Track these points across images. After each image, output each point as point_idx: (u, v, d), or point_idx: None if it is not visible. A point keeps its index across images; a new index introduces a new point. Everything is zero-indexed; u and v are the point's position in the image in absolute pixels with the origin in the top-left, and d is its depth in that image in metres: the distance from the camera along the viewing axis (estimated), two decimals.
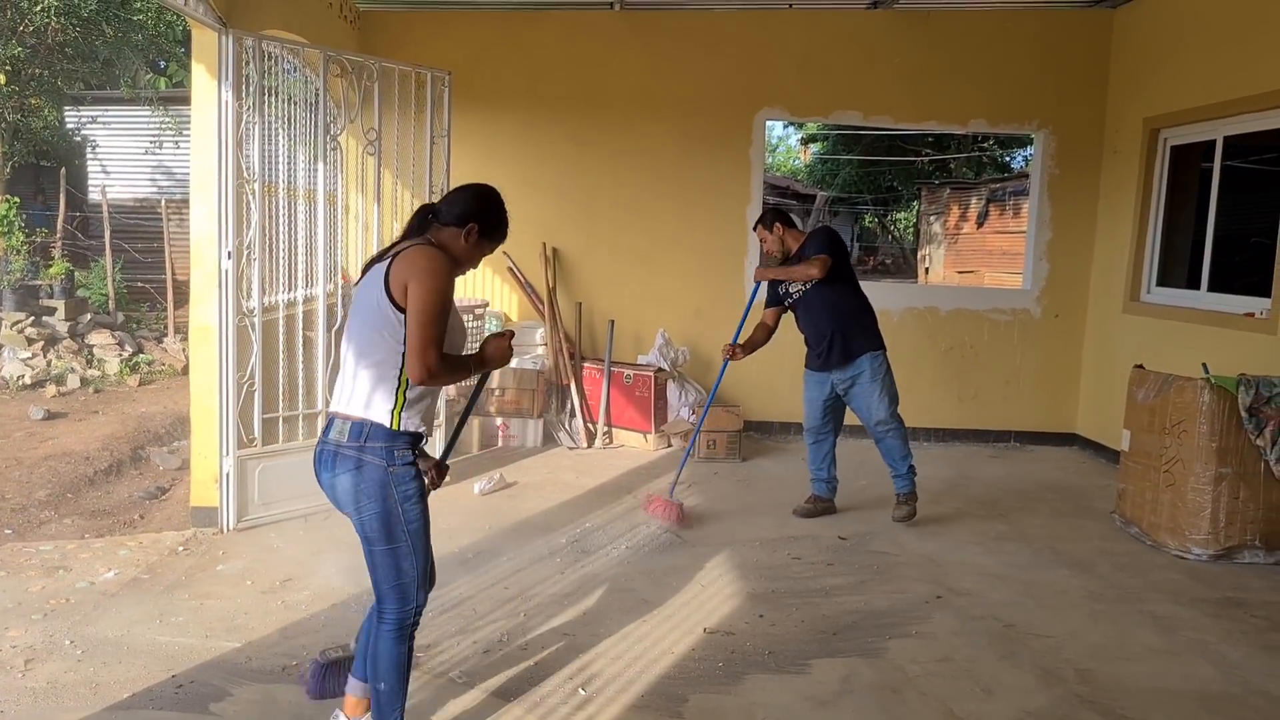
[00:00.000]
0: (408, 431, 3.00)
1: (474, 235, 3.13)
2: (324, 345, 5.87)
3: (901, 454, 5.98)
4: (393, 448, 2.98)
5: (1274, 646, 4.40)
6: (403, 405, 2.98)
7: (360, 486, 2.97)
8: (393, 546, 3.02)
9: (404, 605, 3.07)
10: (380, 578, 3.06)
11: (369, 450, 2.96)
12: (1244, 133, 6.89)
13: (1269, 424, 5.42)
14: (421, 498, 3.07)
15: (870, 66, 8.39)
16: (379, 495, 2.97)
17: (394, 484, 2.98)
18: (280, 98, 5.76)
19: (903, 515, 5.98)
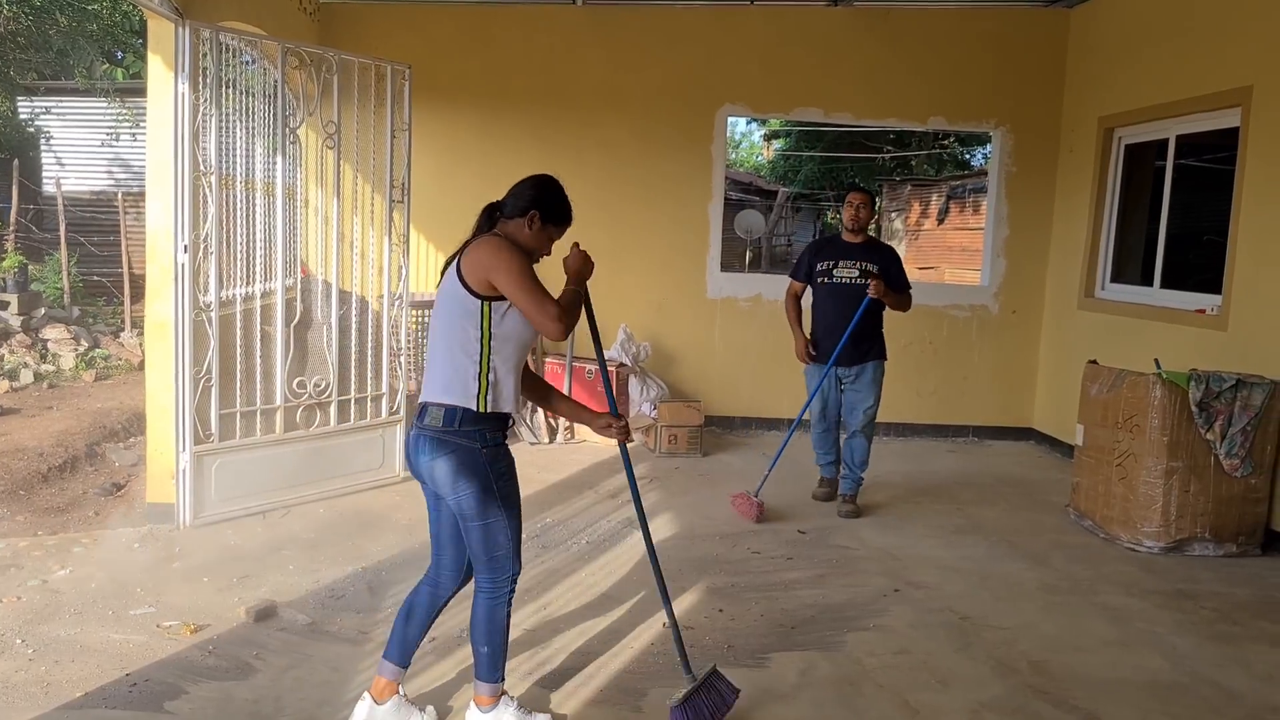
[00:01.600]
0: (495, 413, 3.18)
1: (536, 222, 3.26)
2: (282, 340, 5.83)
3: (865, 459, 6.20)
4: (484, 430, 3.17)
5: (1222, 637, 4.49)
6: (487, 389, 3.16)
7: (458, 468, 3.15)
8: (489, 522, 3.20)
9: (500, 574, 3.27)
10: (478, 551, 3.25)
11: (463, 434, 3.15)
12: (1196, 132, 7.00)
13: (1219, 418, 5.52)
14: (512, 475, 3.27)
15: (831, 64, 8.44)
16: (476, 475, 3.16)
17: (489, 463, 3.17)
18: (238, 90, 5.70)
19: (849, 512, 6.15)
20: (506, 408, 3.22)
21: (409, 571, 4.90)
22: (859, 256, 6.05)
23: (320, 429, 6.09)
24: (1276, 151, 5.90)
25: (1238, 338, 6.13)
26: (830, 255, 6.12)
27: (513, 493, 3.27)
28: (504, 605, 3.31)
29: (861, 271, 5.99)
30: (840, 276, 6.05)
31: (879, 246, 6.24)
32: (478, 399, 3.14)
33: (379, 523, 5.69)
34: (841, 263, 6.06)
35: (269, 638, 4.10)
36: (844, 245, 6.13)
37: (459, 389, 3.15)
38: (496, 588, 3.29)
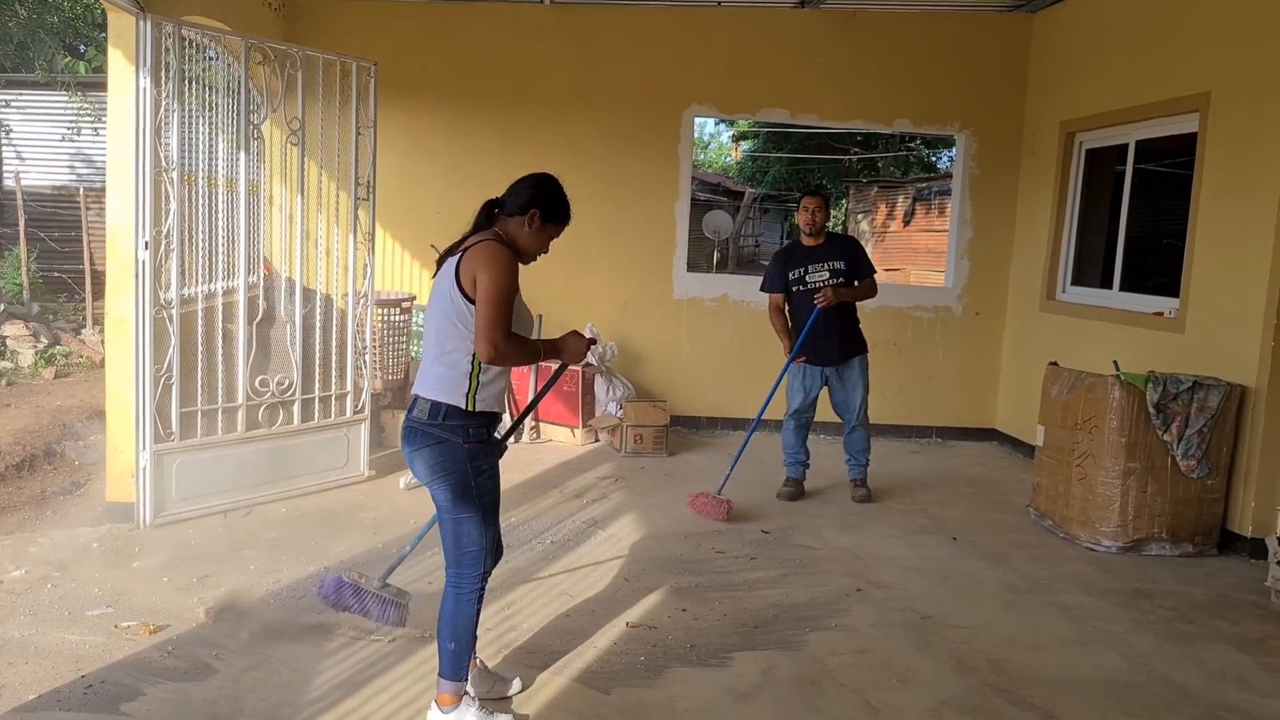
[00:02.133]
0: (481, 412, 3.27)
1: (536, 221, 3.33)
2: (245, 338, 5.78)
3: (866, 446, 6.56)
4: (468, 426, 3.25)
5: (1178, 636, 4.56)
6: (476, 388, 3.24)
7: (439, 461, 3.25)
8: (461, 516, 3.28)
9: (469, 570, 3.33)
10: (448, 544, 3.34)
11: (447, 428, 3.23)
12: (1155, 137, 7.10)
13: (1175, 420, 5.61)
14: (492, 474, 3.34)
15: (797, 65, 8.48)
16: (455, 469, 3.25)
17: (469, 459, 3.25)
18: (201, 85, 5.65)
19: (862, 496, 6.51)
20: (495, 407, 3.31)
21: (372, 571, 4.83)
22: (824, 258, 6.27)
23: (283, 428, 6.04)
24: (1233, 157, 5.99)
25: (1195, 340, 6.22)
26: (798, 263, 6.33)
27: (490, 492, 3.33)
28: (472, 602, 3.34)
29: (831, 272, 6.23)
30: (812, 282, 6.25)
31: (839, 241, 6.45)
32: (467, 397, 3.23)
33: (342, 522, 5.65)
34: (810, 268, 6.27)
35: (228, 638, 4.07)
36: (807, 250, 6.35)
37: (450, 386, 3.23)
38: (464, 583, 3.33)
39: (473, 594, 3.34)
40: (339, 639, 4.09)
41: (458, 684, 3.38)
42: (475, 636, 3.49)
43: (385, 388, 7.51)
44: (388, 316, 7.53)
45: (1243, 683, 4.09)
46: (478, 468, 3.27)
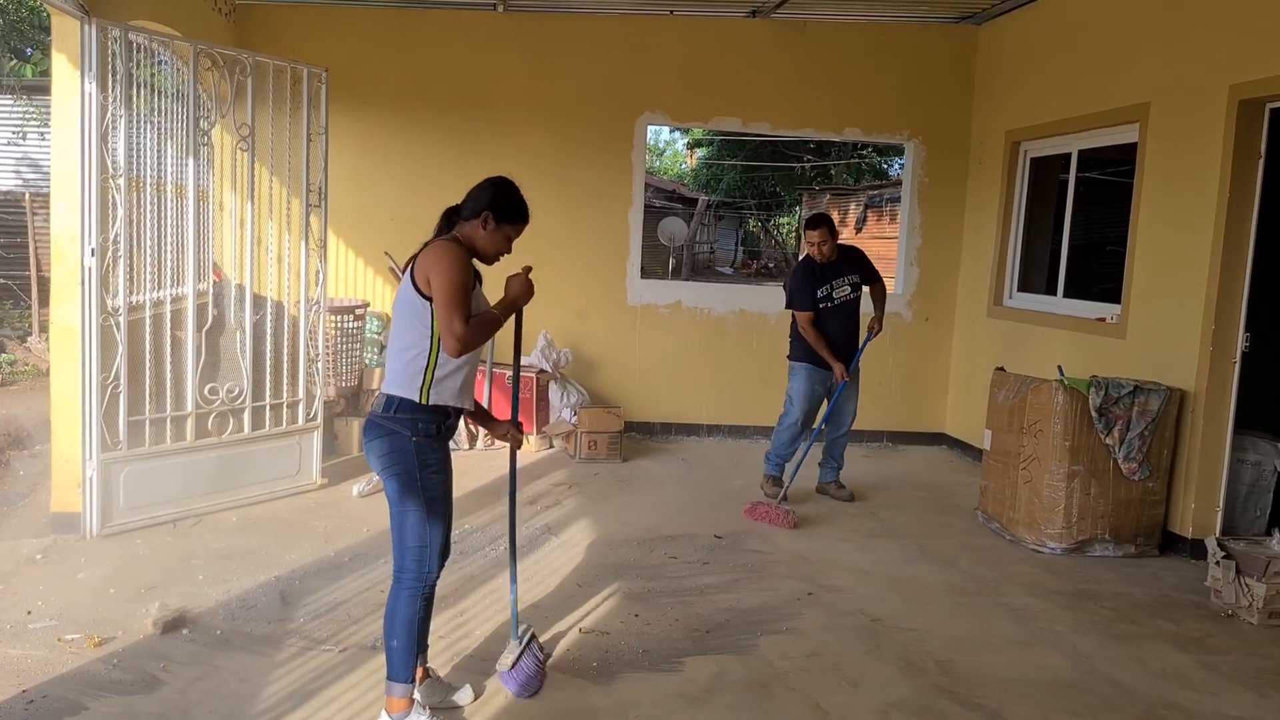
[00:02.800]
0: (435, 406, 3.30)
1: (490, 222, 3.40)
2: (194, 345, 5.72)
3: (843, 453, 6.91)
4: (417, 420, 3.29)
5: (1121, 636, 4.66)
6: (430, 382, 3.28)
7: (387, 452, 3.31)
8: (409, 510, 3.32)
9: (418, 566, 3.35)
10: (397, 539, 3.36)
11: (397, 421, 3.29)
12: (1097, 146, 7.25)
13: (1117, 423, 5.73)
14: (441, 470, 3.37)
15: (749, 74, 8.55)
16: (401, 461, 3.30)
17: (415, 452, 3.29)
18: (150, 90, 5.59)
19: (850, 495, 6.82)
20: (449, 401, 3.33)
21: (323, 580, 4.85)
22: (843, 273, 6.59)
23: (234, 436, 5.98)
24: (1172, 166, 6.14)
25: (1136, 345, 6.36)
26: (824, 281, 6.55)
27: (438, 489, 3.36)
28: (415, 600, 3.37)
29: (852, 286, 6.62)
30: (838, 297, 6.56)
31: (849, 256, 6.70)
32: (420, 391, 3.28)
33: (294, 531, 5.61)
34: (834, 284, 6.55)
35: (176, 649, 4.03)
36: (826, 269, 6.56)
37: (405, 380, 3.30)
38: (406, 578, 3.37)
39: (414, 591, 3.37)
40: (289, 649, 4.06)
41: (406, 686, 3.39)
42: (425, 642, 3.52)
43: (339, 395, 7.47)
44: (341, 323, 7.49)
45: (1183, 681, 4.19)
46: (424, 462, 3.31)
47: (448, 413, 3.36)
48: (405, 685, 3.40)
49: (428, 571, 3.37)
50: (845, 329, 6.60)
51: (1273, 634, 4.74)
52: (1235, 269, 5.70)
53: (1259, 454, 6.00)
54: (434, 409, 3.31)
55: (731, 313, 8.79)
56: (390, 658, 3.39)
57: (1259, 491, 6.02)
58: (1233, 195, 5.64)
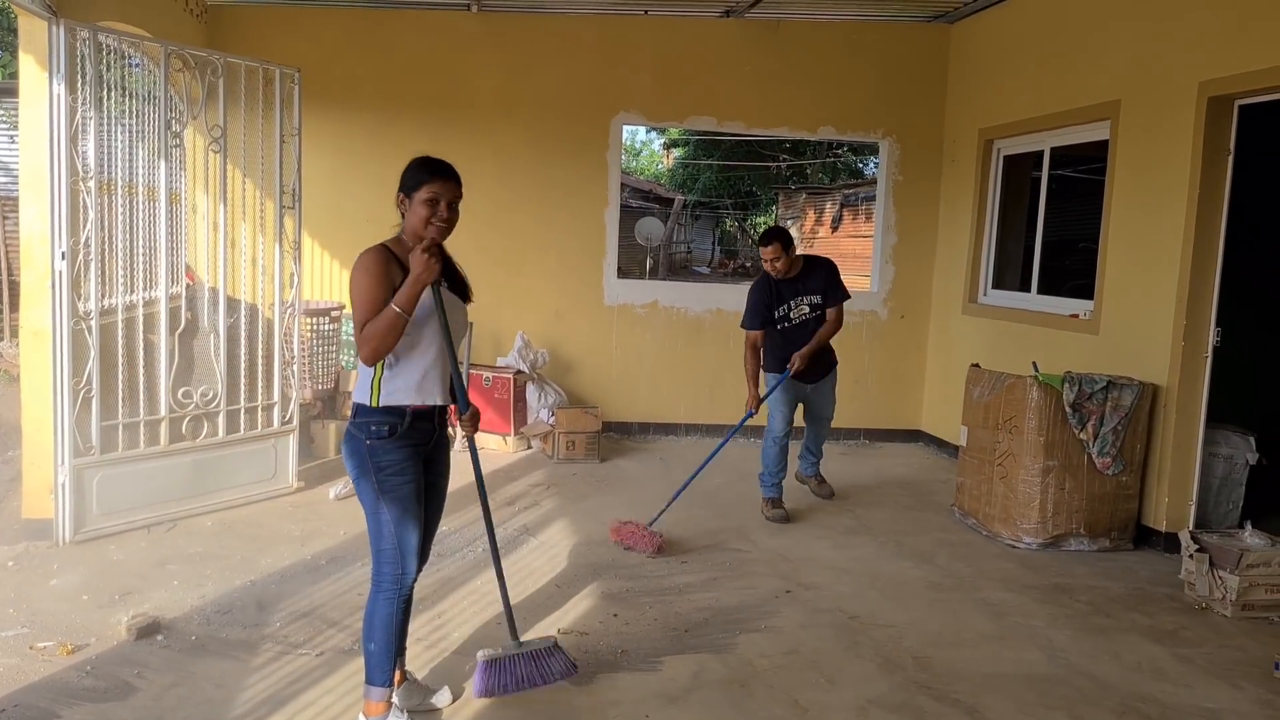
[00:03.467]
0: (388, 406, 3.26)
1: (404, 202, 3.33)
2: (166, 349, 5.68)
3: (822, 445, 6.91)
4: (369, 422, 3.27)
5: (1096, 630, 4.69)
6: (379, 383, 3.26)
7: (348, 456, 3.31)
8: (379, 513, 3.29)
9: (389, 569, 3.33)
10: (373, 542, 3.35)
11: (355, 425, 3.30)
12: (1069, 144, 7.30)
13: (1091, 419, 5.77)
14: (402, 472, 3.28)
15: (724, 73, 8.56)
16: (358, 465, 3.28)
17: (369, 455, 3.25)
18: (119, 92, 5.54)
19: (829, 492, 6.84)
20: (406, 399, 3.27)
21: (300, 584, 4.82)
22: (803, 291, 6.28)
23: (208, 440, 5.94)
24: (1143, 163, 6.19)
25: (1109, 341, 6.41)
26: (782, 300, 6.27)
27: (401, 490, 3.28)
28: (390, 602, 3.34)
29: (811, 306, 6.29)
30: (796, 317, 6.29)
31: (814, 270, 6.35)
32: (370, 393, 3.27)
33: (270, 535, 5.58)
34: (792, 304, 6.28)
35: (151, 655, 3.99)
36: (784, 286, 6.27)
37: (362, 385, 3.30)
38: (381, 581, 3.35)
39: (391, 594, 3.34)
40: (265, 654, 4.03)
41: (384, 690, 3.37)
42: (402, 646, 3.52)
43: (315, 397, 7.42)
44: (317, 326, 7.45)
45: (1158, 674, 4.22)
46: (379, 464, 3.25)
47: (403, 412, 3.28)
48: (383, 689, 3.38)
49: (402, 575, 3.34)
50: (802, 344, 6.26)
51: (1246, 626, 4.79)
52: (1206, 265, 5.75)
53: (1231, 447, 6.06)
54: (386, 410, 3.26)
55: (708, 312, 8.80)
56: (368, 661, 3.38)
57: (1231, 485, 6.09)
58: (1203, 191, 5.70)
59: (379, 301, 3.15)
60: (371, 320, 3.14)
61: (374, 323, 3.13)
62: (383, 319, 3.13)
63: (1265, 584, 4.88)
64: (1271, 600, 4.89)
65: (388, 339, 3.14)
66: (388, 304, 3.14)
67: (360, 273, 3.18)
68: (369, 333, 3.13)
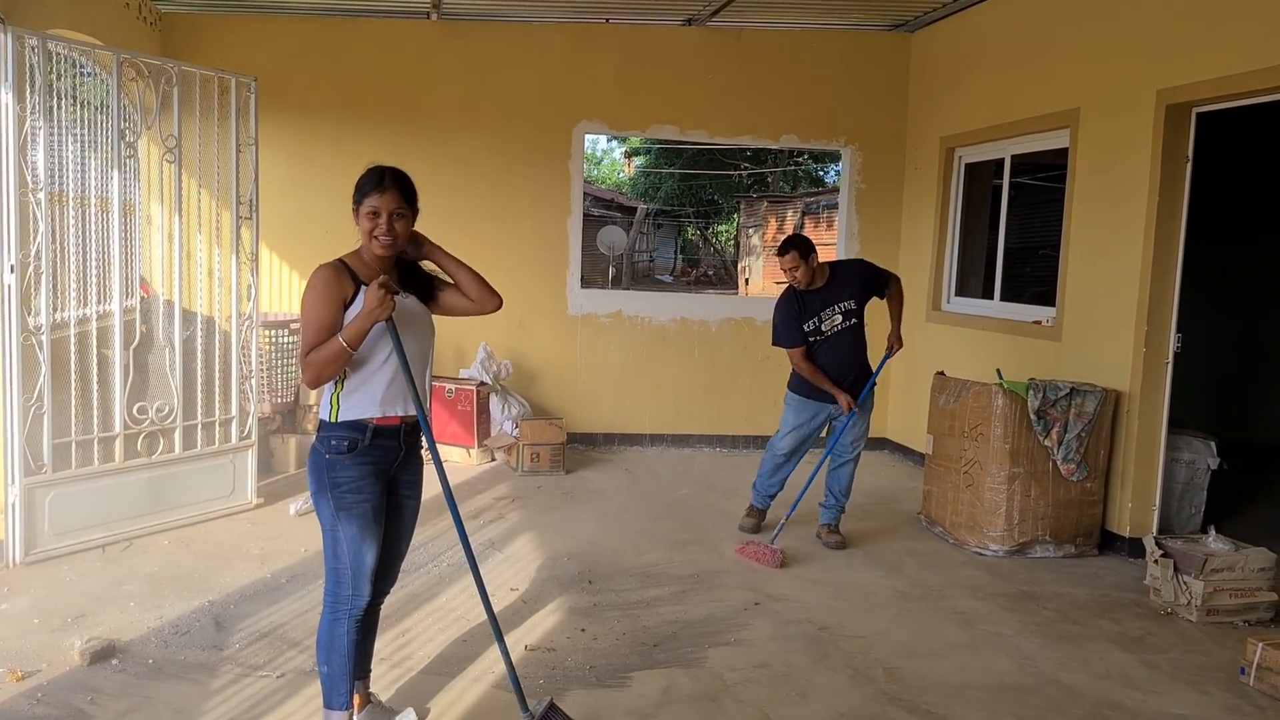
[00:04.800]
0: (347, 421, 3.19)
1: (356, 215, 3.27)
2: (121, 363, 5.55)
3: (848, 487, 6.06)
4: (329, 437, 3.19)
5: (1064, 637, 4.70)
6: (338, 398, 3.19)
7: (309, 469, 3.26)
8: (327, 530, 3.23)
9: (340, 589, 3.25)
10: (327, 559, 3.27)
11: (318, 439, 3.23)
12: (1030, 151, 7.35)
13: (1055, 425, 5.79)
14: (358, 490, 3.18)
15: (686, 82, 8.55)
16: (317, 479, 3.22)
17: (326, 470, 3.18)
18: (71, 101, 5.42)
19: (839, 543, 5.99)
20: (367, 412, 3.19)
21: (259, 603, 4.71)
22: (833, 300, 5.80)
23: (164, 456, 5.81)
24: (1103, 170, 6.23)
25: (1071, 348, 6.45)
26: (811, 313, 5.81)
27: (357, 508, 3.18)
28: (341, 623, 3.26)
29: (845, 314, 5.81)
30: (828, 329, 5.81)
31: (844, 273, 5.91)
32: (331, 409, 3.21)
33: (228, 553, 5.46)
34: (822, 315, 5.80)
35: (106, 680, 3.87)
36: (811, 297, 5.81)
37: (324, 401, 3.25)
38: (334, 603, 3.27)
39: (343, 615, 3.25)
40: (224, 676, 3.93)
41: (341, 714, 3.29)
42: (366, 667, 3.45)
43: (274, 411, 7.30)
44: (276, 338, 7.33)
45: (1126, 681, 4.23)
46: (335, 480, 3.16)
47: (365, 427, 3.18)
48: (341, 713, 3.30)
49: (351, 595, 3.24)
50: (842, 359, 5.84)
51: (1211, 631, 4.81)
52: (1166, 271, 5.79)
53: (1192, 453, 6.11)
54: (346, 425, 3.18)
55: (672, 321, 8.77)
56: (324, 684, 3.31)
57: (1193, 490, 6.14)
58: (1162, 198, 5.74)
59: (326, 324, 3.08)
60: (316, 348, 3.07)
61: (318, 351, 3.07)
62: (327, 350, 3.06)
63: (1229, 589, 4.91)
64: (1236, 605, 4.92)
65: (329, 369, 3.09)
66: (335, 329, 3.07)
67: (309, 292, 3.12)
68: (312, 359, 3.07)
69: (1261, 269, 8.87)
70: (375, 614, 3.49)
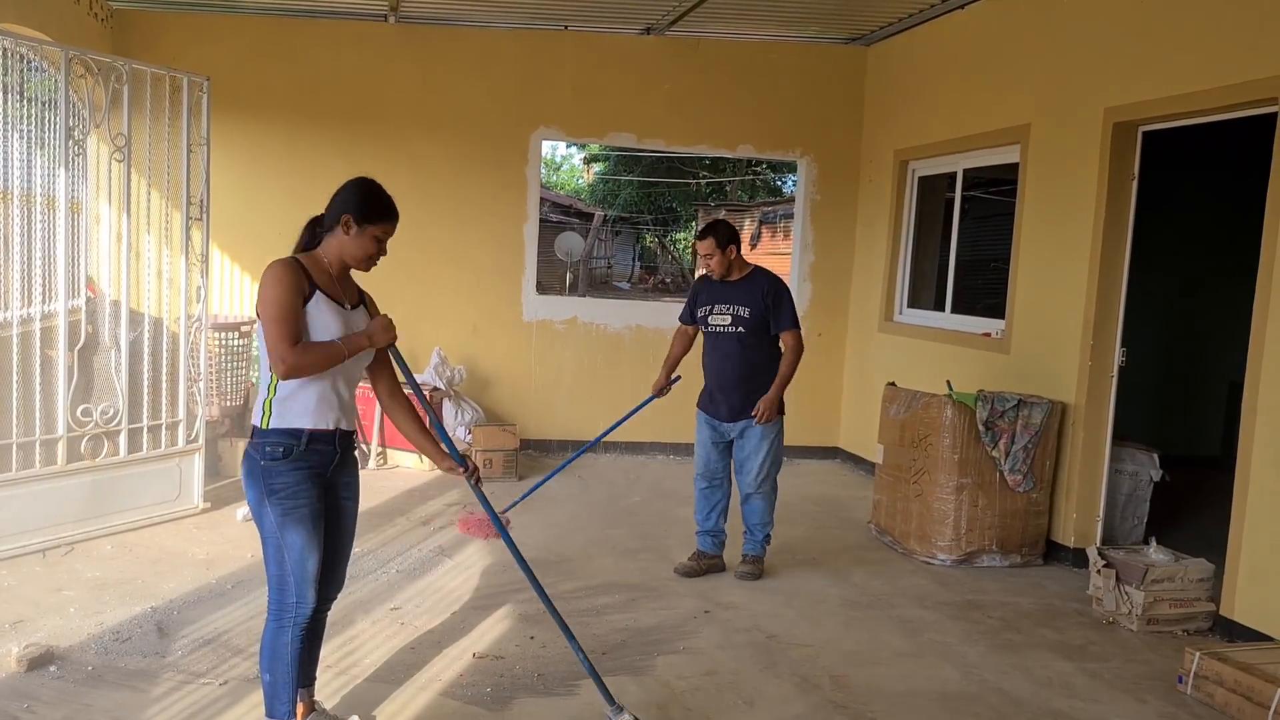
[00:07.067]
0: (280, 429, 3.15)
1: (352, 225, 3.19)
2: (65, 365, 5.45)
3: (762, 520, 5.56)
4: (264, 443, 3.16)
5: (1008, 646, 4.76)
6: (270, 405, 3.16)
7: (244, 476, 3.22)
8: (266, 538, 3.19)
9: (283, 597, 3.20)
10: (269, 566, 3.23)
11: (251, 445, 3.19)
12: (981, 166, 7.46)
13: (1003, 436, 5.87)
14: (296, 495, 3.15)
15: (644, 90, 8.58)
16: (251, 486, 3.19)
17: (263, 477, 3.15)
18: (18, 97, 5.33)
19: (745, 573, 5.53)
20: (301, 422, 3.15)
21: (204, 610, 4.65)
22: (732, 299, 5.42)
23: (109, 459, 5.72)
24: (1052, 185, 6.33)
25: (1019, 360, 6.54)
26: (707, 299, 5.51)
27: (297, 513, 3.15)
28: (284, 632, 3.21)
29: (733, 318, 5.39)
30: (714, 324, 5.46)
31: (756, 282, 5.42)
32: (262, 415, 3.17)
33: (173, 559, 5.38)
34: (716, 308, 5.45)
35: (43, 687, 3.80)
36: (715, 289, 5.50)
37: (257, 406, 3.21)
38: (279, 610, 3.22)
39: (288, 623, 3.20)
40: (165, 684, 3.87)
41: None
42: (311, 675, 3.42)
43: (223, 415, 7.21)
44: (225, 341, 7.24)
45: (1068, 689, 4.29)
46: (271, 486, 3.13)
47: (299, 434, 3.15)
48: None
49: (294, 602, 3.19)
50: (721, 368, 5.46)
51: (1151, 640, 4.90)
52: (1112, 286, 5.90)
53: (1135, 464, 6.22)
54: (281, 431, 3.14)
55: (628, 329, 8.78)
56: (265, 693, 3.26)
57: (1136, 501, 6.25)
58: (1109, 215, 5.85)
59: (297, 313, 3.06)
60: (314, 346, 3.08)
61: (316, 350, 3.08)
62: (326, 350, 3.10)
63: (1169, 599, 5.00)
64: (1175, 614, 5.01)
65: (319, 367, 3.10)
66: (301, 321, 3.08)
67: (275, 284, 3.06)
68: (309, 356, 3.05)
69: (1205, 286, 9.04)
70: (321, 621, 3.45)
